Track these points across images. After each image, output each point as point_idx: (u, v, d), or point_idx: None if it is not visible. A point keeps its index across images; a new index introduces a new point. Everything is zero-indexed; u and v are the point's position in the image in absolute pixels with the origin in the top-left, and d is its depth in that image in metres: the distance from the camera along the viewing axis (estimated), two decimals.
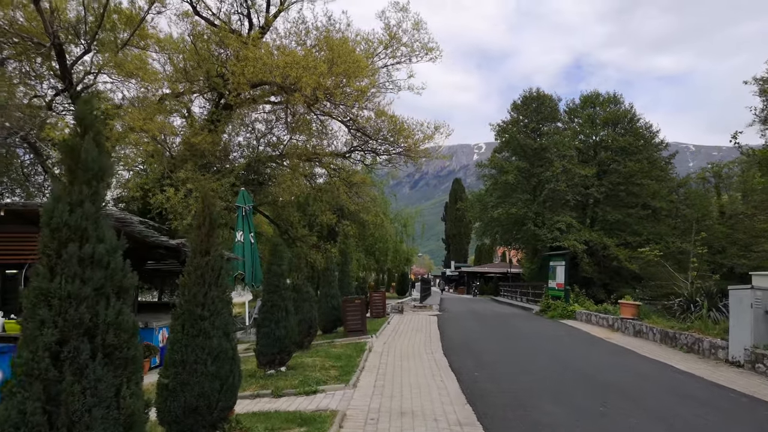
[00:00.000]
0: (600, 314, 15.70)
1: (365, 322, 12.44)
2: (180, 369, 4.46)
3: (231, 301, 4.95)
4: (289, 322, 7.56)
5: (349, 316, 12.18)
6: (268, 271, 7.67)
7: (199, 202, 4.86)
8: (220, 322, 4.67)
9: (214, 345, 4.58)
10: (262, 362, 7.47)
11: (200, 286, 4.66)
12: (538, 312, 19.59)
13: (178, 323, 4.61)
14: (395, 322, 16.05)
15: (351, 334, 12.08)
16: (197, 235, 4.82)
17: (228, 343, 4.72)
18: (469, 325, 15.62)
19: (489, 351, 10.53)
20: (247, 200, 16.28)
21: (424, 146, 21.38)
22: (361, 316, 12.22)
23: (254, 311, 20.48)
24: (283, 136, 20.25)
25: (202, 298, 4.64)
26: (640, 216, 38.02)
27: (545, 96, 39.18)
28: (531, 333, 13.88)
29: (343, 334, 12.30)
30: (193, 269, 4.72)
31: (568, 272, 18.27)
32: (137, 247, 9.01)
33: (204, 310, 4.61)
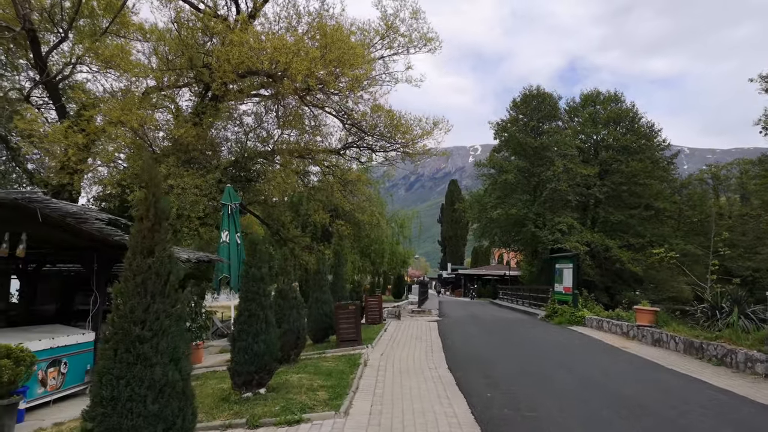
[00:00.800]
0: (612, 321, 14.62)
1: (360, 330, 11.31)
2: (109, 409, 3.32)
3: (183, 316, 3.81)
4: (269, 335, 6.43)
5: (342, 323, 11.05)
6: (246, 275, 6.54)
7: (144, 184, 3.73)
8: (166, 344, 3.54)
9: (158, 376, 3.44)
10: (237, 383, 6.32)
11: (140, 297, 3.53)
12: (544, 317, 18.50)
13: (109, 347, 3.47)
14: (392, 329, 14.92)
15: (344, 344, 10.95)
16: (138, 229, 3.68)
17: (177, 372, 3.57)
18: (472, 333, 14.51)
19: (498, 364, 9.42)
20: (234, 197, 15.17)
21: (423, 142, 20.37)
22: (356, 323, 11.09)
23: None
24: (273, 130, 19.11)
25: (141, 313, 3.50)
26: (642, 217, 37.06)
27: (545, 94, 38.22)
28: (541, 342, 12.77)
29: (335, 344, 11.17)
30: (132, 275, 3.58)
31: (576, 275, 17.20)
32: (97, 246, 7.86)
33: (145, 329, 3.47)
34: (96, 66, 16.98)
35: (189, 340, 3.61)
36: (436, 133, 20.21)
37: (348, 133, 20.98)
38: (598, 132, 38.85)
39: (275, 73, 15.37)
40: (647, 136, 38.55)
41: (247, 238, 6.82)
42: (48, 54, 16.32)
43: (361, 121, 20.18)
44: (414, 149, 20.68)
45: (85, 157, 15.30)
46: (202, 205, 15.53)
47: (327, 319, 11.54)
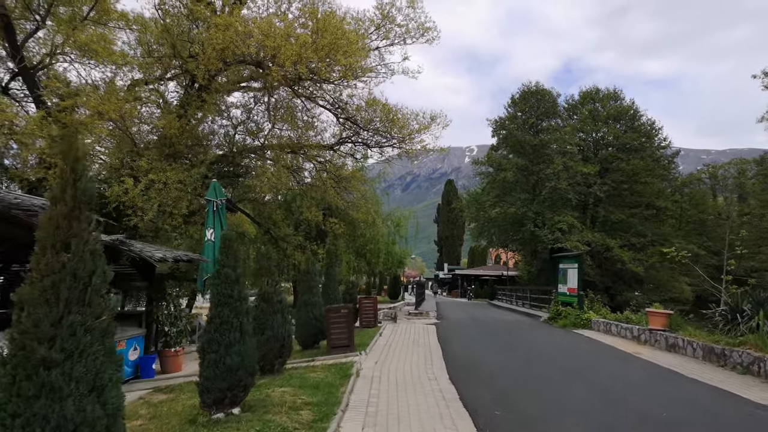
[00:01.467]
0: (621, 324, 13.78)
1: (353, 335, 10.42)
2: None
3: (111, 330, 2.92)
4: (245, 345, 5.53)
5: (333, 329, 10.16)
6: (217, 276, 5.65)
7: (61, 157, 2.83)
8: (84, 369, 2.64)
9: (70, 412, 2.54)
10: (206, 402, 5.42)
11: (49, 306, 2.63)
12: (547, 320, 17.66)
13: (6, 373, 2.59)
14: (388, 333, 14.04)
15: (335, 351, 10.06)
16: (50, 216, 2.79)
17: (99, 406, 2.68)
18: (473, 336, 13.64)
19: (504, 374, 8.55)
20: (219, 193, 14.26)
21: (420, 137, 19.55)
22: (348, 328, 10.20)
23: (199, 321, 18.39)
24: (263, 123, 18.22)
25: (50, 328, 2.60)
26: (644, 216, 36.34)
27: (544, 91, 37.45)
28: (547, 347, 11.91)
29: (325, 351, 10.27)
30: (38, 276, 2.69)
31: (581, 275, 16.35)
32: None
33: (54, 348, 2.58)
34: (75, 55, 16.05)
35: (117, 362, 2.69)
36: (433, 128, 19.33)
37: (342, 128, 20.14)
38: (598, 129, 38.13)
39: (262, 60, 14.48)
40: (648, 134, 37.85)
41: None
42: (24, 42, 15.35)
43: (355, 115, 19.36)
44: (411, 145, 19.85)
45: None
46: (186, 202, 14.63)
47: (317, 324, 10.65)
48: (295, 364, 9.26)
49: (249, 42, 12.80)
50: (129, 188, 13.79)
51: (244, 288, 5.72)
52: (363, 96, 19.17)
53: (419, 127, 19.25)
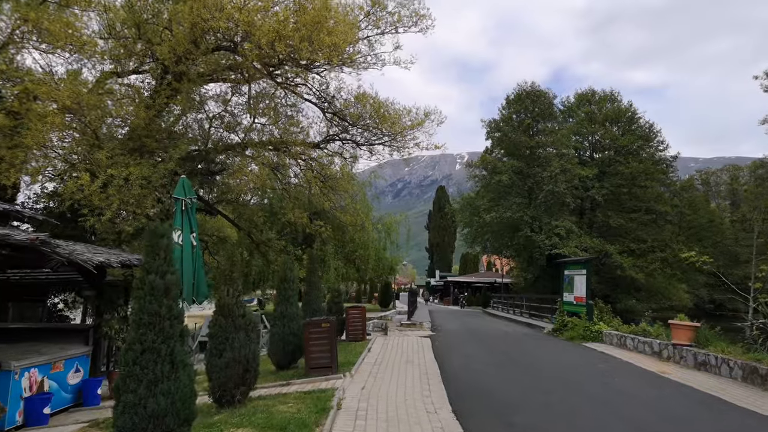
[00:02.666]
0: (638, 337, 12.33)
1: (336, 353, 8.86)
2: None
3: None
4: (176, 382, 3.97)
5: (312, 346, 8.60)
6: (139, 287, 4.09)
7: None
8: None
9: None
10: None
11: None
12: (551, 331, 16.18)
13: None
14: (378, 347, 12.47)
15: (315, 373, 8.50)
16: None
17: None
18: (473, 353, 12.10)
19: (519, 404, 7.03)
20: (188, 191, 12.69)
21: (413, 134, 18.14)
22: (330, 346, 8.64)
23: (200, 330, 16.70)
24: (242, 117, 16.67)
25: None
26: (643, 221, 35.12)
27: (540, 91, 36.23)
28: (559, 365, 10.41)
29: (303, 373, 8.70)
30: None
31: (590, 283, 14.92)
32: None
33: None
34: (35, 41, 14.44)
35: None
36: (427, 125, 18.02)
37: (330, 125, 18.68)
38: (596, 132, 36.96)
39: (238, 43, 12.98)
40: (647, 136, 36.73)
41: (153, 230, 4.34)
42: None
43: (343, 110, 17.94)
44: (403, 143, 18.44)
45: (14, 143, 12.72)
46: (151, 201, 13.02)
47: (295, 339, 9.08)
48: (264, 390, 7.68)
49: (219, 16, 11.27)
50: (84, 184, 12.18)
51: (178, 301, 4.17)
52: (352, 90, 17.79)
53: (412, 123, 17.89)
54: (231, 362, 6.30)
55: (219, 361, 6.31)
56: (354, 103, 17.73)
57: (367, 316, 26.76)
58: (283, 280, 9.31)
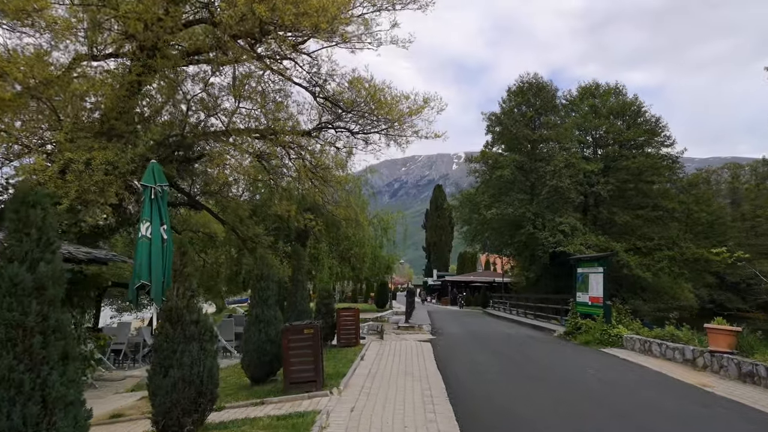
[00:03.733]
0: (666, 342, 10.92)
1: (321, 365, 7.41)
2: None
3: None
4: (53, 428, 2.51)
5: (293, 357, 7.15)
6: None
7: None
8: None
9: None
10: None
11: None
12: (563, 335, 14.77)
13: None
14: (372, 354, 11.02)
15: (295, 389, 7.05)
16: None
17: None
18: (480, 361, 10.66)
19: (544, 430, 5.60)
20: (159, 177, 11.22)
21: (411, 121, 16.74)
22: (314, 356, 7.20)
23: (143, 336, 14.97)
24: (224, 99, 15.18)
25: None
26: (650, 218, 33.76)
27: (543, 83, 34.82)
28: (583, 376, 8.96)
29: (281, 389, 7.24)
30: None
31: (608, 282, 13.50)
32: None
33: None
34: None
35: None
36: (426, 112, 16.63)
37: (321, 111, 17.25)
38: (600, 125, 35.54)
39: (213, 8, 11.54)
40: (653, 130, 35.34)
41: (20, 197, 2.86)
42: None
43: (336, 94, 16.52)
44: (401, 130, 17.05)
45: None
46: (115, 189, 11.54)
47: (273, 348, 7.62)
48: (230, 412, 6.23)
49: None
50: (38, 169, 10.72)
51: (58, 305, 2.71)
52: (345, 74, 16.40)
53: (410, 110, 16.50)
54: (179, 383, 4.84)
55: (164, 381, 4.86)
56: (348, 87, 16.35)
57: (362, 317, 25.32)
58: (258, 278, 7.84)
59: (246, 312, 37.46)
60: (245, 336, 7.83)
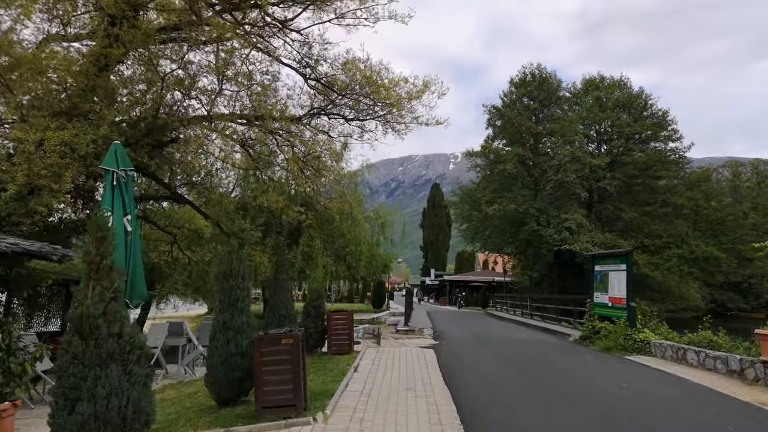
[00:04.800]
0: (705, 350, 9.51)
1: (303, 383, 5.97)
2: None
3: None
4: None
5: (267, 373, 5.70)
6: None
7: None
8: None
9: None
10: None
11: None
12: (579, 339, 13.35)
13: None
14: (368, 364, 9.58)
15: (269, 414, 5.61)
16: None
17: None
18: (493, 372, 9.21)
19: None
20: (123, 161, 9.74)
21: (410, 105, 15.38)
22: (295, 372, 5.75)
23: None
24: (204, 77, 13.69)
25: None
26: (658, 214, 32.42)
27: (546, 75, 33.44)
28: (615, 392, 7.52)
29: (254, 413, 5.79)
30: None
31: (631, 281, 12.08)
32: None
33: None
34: None
35: None
36: (426, 97, 15.27)
37: (313, 95, 15.86)
38: (606, 119, 34.19)
39: None
40: (660, 123, 34.01)
41: None
42: None
43: (329, 75, 15.17)
44: (399, 116, 15.70)
45: None
46: (72, 174, 10.07)
47: (245, 362, 6.17)
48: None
49: None
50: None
51: None
52: (339, 56, 15.07)
53: (409, 95, 15.15)
54: (90, 422, 3.39)
55: (69, 419, 3.41)
56: (342, 69, 14.98)
57: (357, 319, 23.81)
58: (226, 275, 6.39)
59: None
60: (210, 347, 6.38)
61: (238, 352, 6.21)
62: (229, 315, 6.29)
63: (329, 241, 30.61)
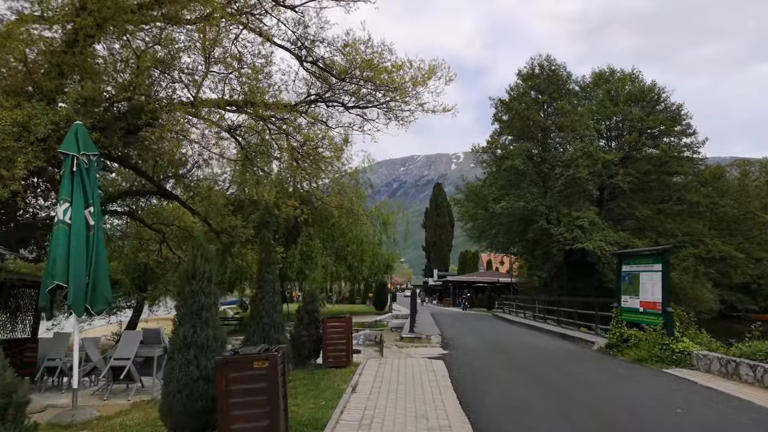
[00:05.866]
0: (761, 363, 8.09)
1: (282, 415, 4.59)
2: None
3: None
4: None
5: (235, 407, 4.32)
6: None
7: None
8: None
9: None
10: None
11: None
12: (605, 348, 11.93)
13: None
14: (368, 382, 8.18)
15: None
16: None
17: None
18: (518, 392, 7.78)
19: None
20: (85, 144, 8.50)
21: (416, 91, 14.08)
22: (271, 403, 4.37)
23: (85, 350, 12.16)
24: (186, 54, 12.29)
25: None
26: (673, 212, 30.97)
27: (556, 66, 32.02)
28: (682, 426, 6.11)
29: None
30: None
31: (668, 282, 10.67)
32: None
33: None
34: None
35: None
36: (432, 83, 13.98)
37: (310, 80, 14.51)
38: (618, 113, 32.73)
39: None
40: (675, 118, 32.54)
41: None
42: None
43: (326, 57, 13.87)
44: (403, 102, 14.42)
45: None
46: (25, 159, 8.72)
47: (210, 389, 4.80)
48: None
49: None
50: None
51: None
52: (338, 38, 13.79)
53: (414, 80, 13.82)
54: None
55: None
56: (341, 50, 13.65)
57: (359, 322, 22.39)
58: (189, 276, 5.01)
59: (236, 312, 34.33)
60: (166, 369, 4.99)
61: (201, 376, 4.83)
62: (191, 328, 4.90)
63: (329, 240, 29.28)
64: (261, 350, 4.63)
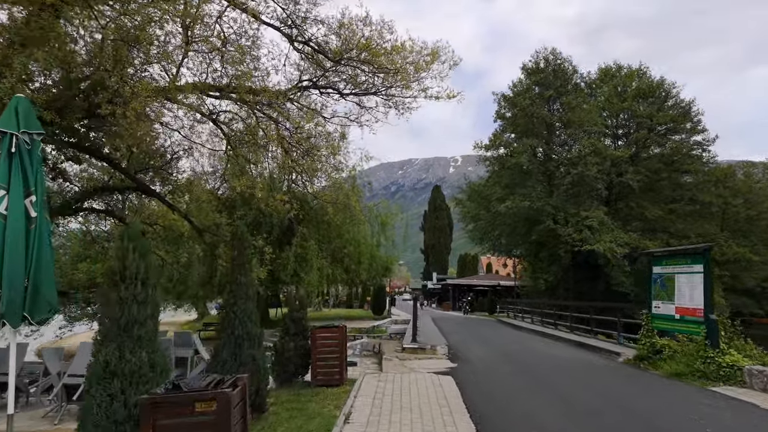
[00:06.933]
0: None
1: None
2: None
3: None
4: None
5: None
6: None
7: None
8: None
9: None
10: None
11: None
12: (634, 360, 10.53)
13: None
14: (366, 407, 6.76)
15: None
16: None
17: None
18: (547, 420, 6.39)
19: None
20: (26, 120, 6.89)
21: (418, 77, 12.76)
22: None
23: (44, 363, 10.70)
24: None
25: None
26: (685, 212, 29.63)
27: (562, 60, 30.71)
28: None
29: None
30: None
31: (711, 286, 9.29)
32: None
33: None
34: None
35: None
36: (435, 67, 12.65)
37: (302, 64, 13.13)
38: (626, 109, 31.42)
39: None
40: (685, 113, 31.24)
41: None
42: None
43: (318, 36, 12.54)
44: (405, 86, 13.08)
45: None
46: None
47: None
48: None
49: None
50: None
51: None
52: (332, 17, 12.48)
53: (416, 65, 12.50)
54: None
55: None
56: (337, 30, 12.33)
57: (356, 328, 20.88)
58: (117, 278, 3.62)
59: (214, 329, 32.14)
60: (86, 404, 3.59)
61: (129, 417, 3.42)
62: (116, 350, 3.50)
63: (325, 241, 27.89)
64: (210, 383, 3.22)
